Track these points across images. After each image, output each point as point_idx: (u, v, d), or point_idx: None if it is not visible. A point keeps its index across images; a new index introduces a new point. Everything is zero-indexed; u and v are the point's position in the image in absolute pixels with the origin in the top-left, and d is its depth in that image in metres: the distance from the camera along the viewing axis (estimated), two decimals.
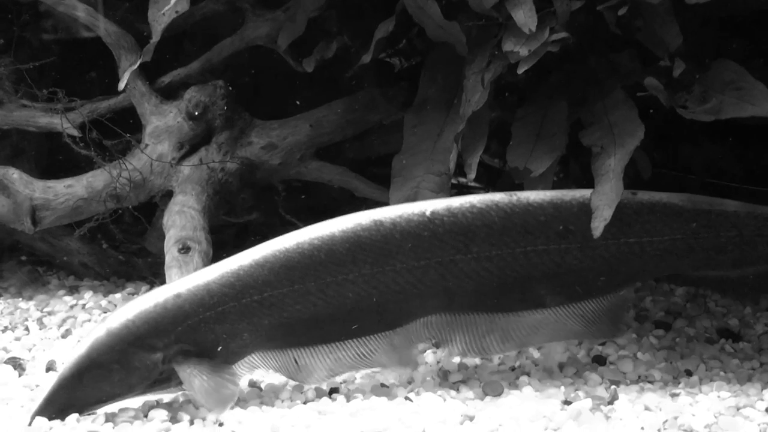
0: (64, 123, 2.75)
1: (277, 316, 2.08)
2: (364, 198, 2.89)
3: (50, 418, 1.98)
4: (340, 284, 2.09)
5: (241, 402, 2.12)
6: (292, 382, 2.23)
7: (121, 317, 2.02)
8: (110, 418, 2.04)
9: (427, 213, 2.12)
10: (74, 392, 1.99)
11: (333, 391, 2.20)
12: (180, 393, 2.11)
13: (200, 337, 2.04)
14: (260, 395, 2.18)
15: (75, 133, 2.75)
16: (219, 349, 2.06)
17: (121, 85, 2.68)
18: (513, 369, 2.35)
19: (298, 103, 2.92)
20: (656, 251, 2.20)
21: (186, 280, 2.09)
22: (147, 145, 2.76)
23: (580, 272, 2.18)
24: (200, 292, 2.05)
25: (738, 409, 2.04)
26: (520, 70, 2.19)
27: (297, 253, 2.08)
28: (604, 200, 2.10)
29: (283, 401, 2.15)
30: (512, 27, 2.20)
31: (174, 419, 2.03)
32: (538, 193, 2.20)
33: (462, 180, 3.21)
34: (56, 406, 1.99)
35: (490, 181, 3.30)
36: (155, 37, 2.54)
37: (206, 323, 2.04)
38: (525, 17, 2.16)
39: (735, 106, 2.13)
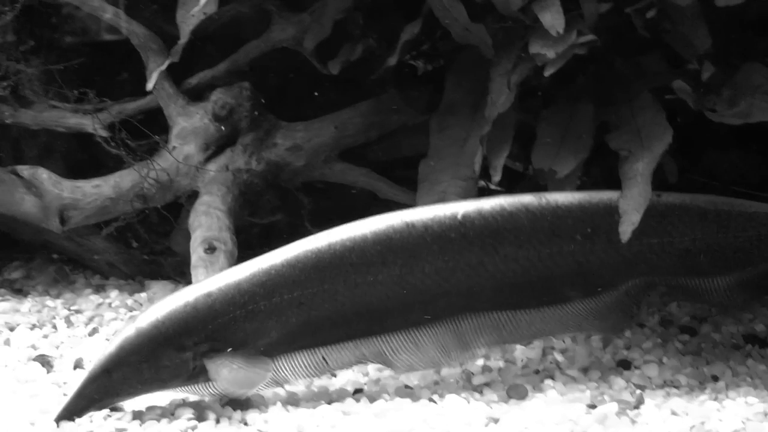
0: (93, 124, 2.78)
1: (305, 314, 2.09)
2: (387, 200, 2.90)
3: (80, 411, 2.01)
4: (370, 285, 2.10)
5: (266, 402, 2.13)
6: (316, 383, 2.24)
7: (151, 317, 2.03)
8: (137, 416, 2.06)
9: (459, 216, 2.13)
10: (104, 387, 2.01)
11: (357, 391, 2.21)
12: (208, 394, 2.12)
13: (230, 335, 2.05)
14: (284, 396, 2.18)
15: (104, 133, 2.78)
16: (246, 346, 2.06)
17: (149, 86, 2.70)
18: (537, 372, 2.35)
19: (316, 94, 2.93)
20: (677, 251, 2.21)
21: (217, 278, 2.10)
22: (174, 147, 2.78)
23: (601, 271, 2.19)
24: (231, 291, 2.05)
25: (766, 415, 2.02)
26: (547, 73, 2.18)
27: (329, 253, 2.09)
28: (632, 204, 2.10)
29: (307, 401, 2.15)
30: (539, 29, 2.20)
31: (200, 417, 2.05)
32: (566, 194, 2.20)
33: (483, 183, 3.20)
34: (86, 399, 2.01)
35: (511, 184, 3.29)
36: (183, 38, 2.56)
37: (236, 321, 2.05)
38: (552, 19, 2.15)
39: (765, 110, 2.12)
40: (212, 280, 2.10)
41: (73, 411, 2.00)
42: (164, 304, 2.06)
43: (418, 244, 2.11)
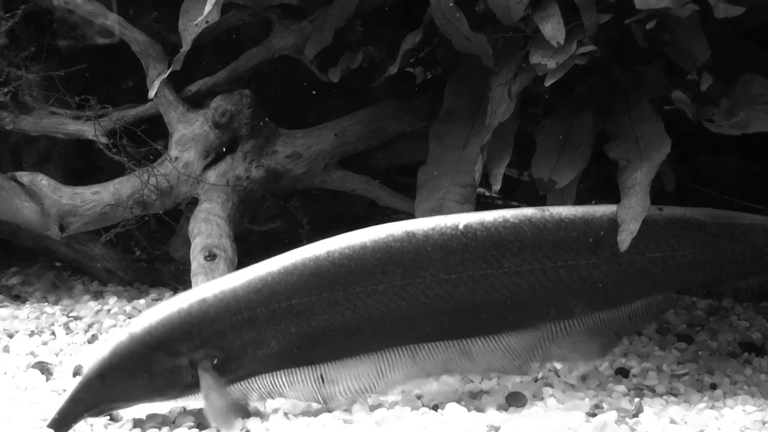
0: (95, 130, 2.78)
1: (304, 324, 2.07)
2: (386, 207, 2.91)
3: (74, 417, 1.98)
4: (370, 295, 2.08)
5: (267, 410, 2.13)
6: None
7: (144, 322, 2.02)
8: (138, 423, 2.06)
9: (461, 226, 2.12)
10: (98, 394, 1.99)
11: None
12: None
13: (227, 343, 2.03)
14: (284, 404, 2.18)
15: (105, 140, 2.78)
16: (245, 355, 2.05)
17: (152, 94, 2.70)
18: (536, 380, 2.35)
19: (314, 98, 2.92)
20: (677, 265, 2.22)
21: (212, 284, 2.08)
22: (175, 155, 2.78)
23: (605, 286, 2.18)
24: (226, 298, 2.04)
25: (764, 424, 2.04)
26: (548, 83, 2.20)
27: (327, 261, 2.07)
28: (630, 214, 2.11)
29: (308, 410, 2.15)
30: (540, 39, 2.21)
31: (201, 426, 2.04)
32: (569, 208, 2.20)
33: (481, 190, 3.21)
34: (80, 405, 1.98)
35: (508, 192, 3.30)
36: (185, 47, 2.56)
37: (233, 329, 2.03)
38: (553, 30, 2.17)
39: (763, 121, 2.14)
40: (207, 286, 2.08)
41: (67, 416, 1.98)
42: (158, 309, 2.04)
43: (419, 253, 2.09)
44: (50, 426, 1.97)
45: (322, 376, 2.09)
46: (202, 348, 2.02)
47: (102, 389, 1.99)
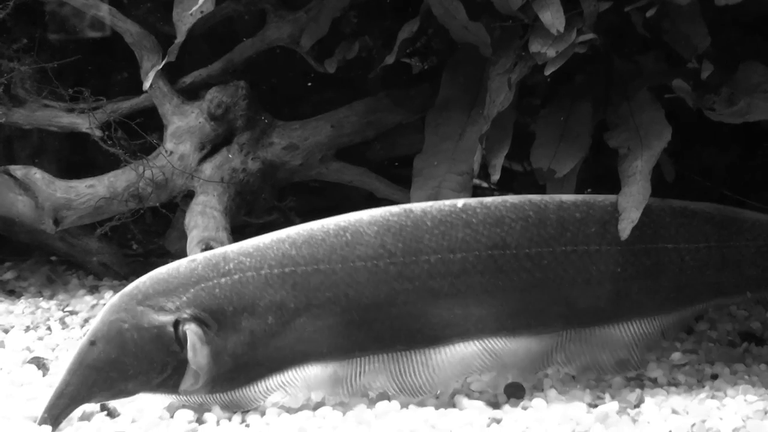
0: (89, 123, 2.75)
1: (303, 300, 2.00)
2: (384, 199, 2.89)
3: (75, 396, 1.94)
4: (371, 272, 2.00)
5: (265, 406, 2.11)
6: None
7: (135, 282, 2.03)
8: (136, 418, 2.04)
9: (459, 205, 2.06)
10: (93, 362, 1.94)
11: None
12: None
13: (216, 306, 1.98)
14: (283, 398, 2.16)
15: (99, 133, 2.75)
16: (240, 329, 1.98)
17: (146, 86, 2.68)
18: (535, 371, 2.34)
19: (309, 84, 2.88)
20: (694, 261, 2.16)
21: (205, 252, 2.08)
22: (170, 148, 2.76)
23: (621, 281, 2.12)
24: (216, 258, 2.02)
25: (766, 413, 2.03)
26: (548, 71, 2.18)
27: (321, 231, 2.02)
28: (631, 202, 2.10)
29: (307, 402, 2.14)
30: (539, 28, 2.20)
31: (200, 420, 2.03)
32: (569, 195, 2.17)
33: (476, 182, 3.20)
34: (78, 379, 1.94)
35: (504, 182, 3.29)
36: (180, 37, 2.54)
37: (222, 290, 1.98)
38: (552, 18, 2.15)
39: (763, 109, 2.13)
40: (201, 253, 2.07)
41: (62, 396, 1.94)
42: (151, 272, 2.04)
43: (417, 227, 2.02)
44: (52, 401, 1.93)
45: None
46: (188, 307, 1.97)
47: (95, 354, 1.94)
